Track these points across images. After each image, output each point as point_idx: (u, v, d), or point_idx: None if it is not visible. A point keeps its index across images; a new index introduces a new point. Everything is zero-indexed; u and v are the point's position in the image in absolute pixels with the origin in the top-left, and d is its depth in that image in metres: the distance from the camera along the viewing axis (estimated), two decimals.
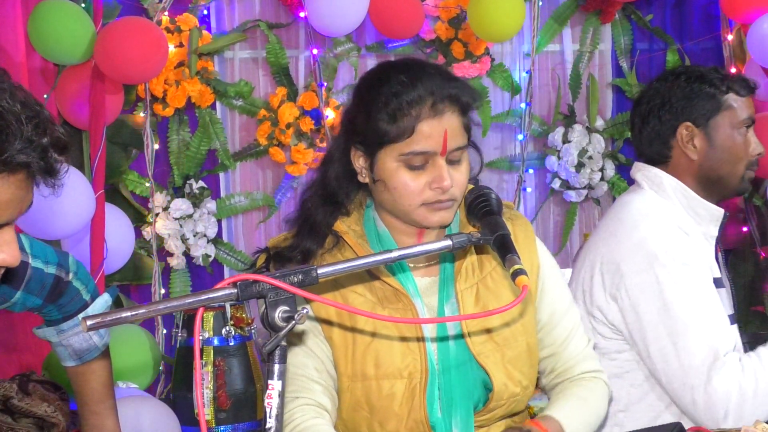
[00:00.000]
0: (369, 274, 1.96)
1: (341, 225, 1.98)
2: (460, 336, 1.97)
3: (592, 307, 2.39)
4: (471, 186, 1.94)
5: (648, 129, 2.49)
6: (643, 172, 2.48)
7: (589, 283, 2.41)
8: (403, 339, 1.94)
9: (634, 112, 2.54)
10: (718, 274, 2.41)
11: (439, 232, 2.02)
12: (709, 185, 2.44)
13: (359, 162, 1.95)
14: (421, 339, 1.95)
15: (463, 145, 1.92)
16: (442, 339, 1.96)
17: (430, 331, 1.97)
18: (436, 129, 1.86)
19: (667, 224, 2.35)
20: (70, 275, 1.98)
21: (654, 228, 2.34)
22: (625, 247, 2.35)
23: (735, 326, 2.45)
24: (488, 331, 1.98)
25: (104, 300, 2.06)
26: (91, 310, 2.02)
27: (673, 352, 2.26)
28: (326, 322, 1.96)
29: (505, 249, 1.69)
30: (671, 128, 2.45)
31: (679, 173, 2.44)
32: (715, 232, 2.44)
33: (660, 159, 2.47)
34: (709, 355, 2.22)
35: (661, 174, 2.44)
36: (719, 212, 2.43)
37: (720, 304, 2.34)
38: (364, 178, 1.96)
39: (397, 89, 1.87)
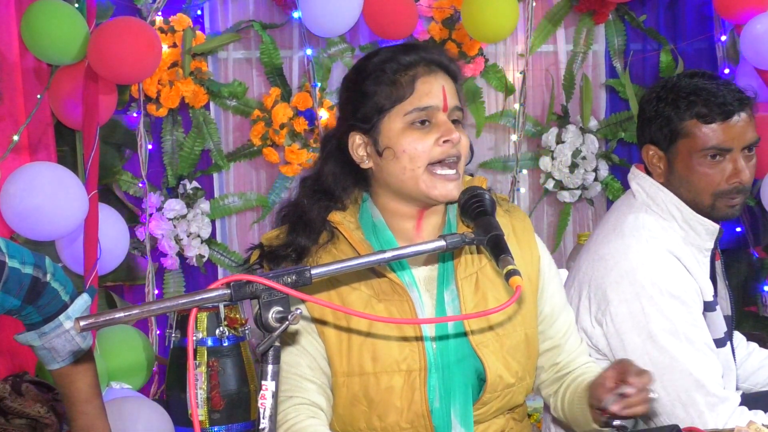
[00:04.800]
0: (365, 268, 1.96)
1: (336, 216, 1.98)
2: (462, 334, 1.97)
3: (578, 328, 2.33)
4: (466, 185, 1.94)
5: (637, 138, 2.48)
6: (638, 181, 2.42)
7: (576, 304, 2.38)
8: (401, 336, 1.94)
9: None
10: (710, 297, 2.35)
11: (435, 222, 2.02)
12: (688, 205, 2.36)
13: (359, 150, 1.96)
14: (419, 337, 1.95)
15: (461, 107, 1.97)
16: (441, 338, 1.97)
17: (428, 326, 1.97)
18: (434, 85, 1.93)
19: (658, 252, 2.29)
20: (48, 276, 1.98)
21: (644, 257, 2.29)
22: (613, 275, 2.31)
23: (727, 347, 2.41)
24: (491, 327, 1.99)
25: (84, 300, 2.05)
26: (71, 311, 2.02)
27: (659, 384, 2.22)
28: (320, 321, 1.96)
29: (498, 249, 1.69)
30: (641, 145, 2.42)
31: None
32: (710, 245, 2.38)
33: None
34: (693, 388, 2.20)
35: (656, 186, 2.38)
36: (714, 227, 2.36)
37: (707, 336, 2.29)
38: (367, 163, 1.97)
39: (390, 56, 1.96)
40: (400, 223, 2.00)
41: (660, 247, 2.30)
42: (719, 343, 2.36)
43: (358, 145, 1.96)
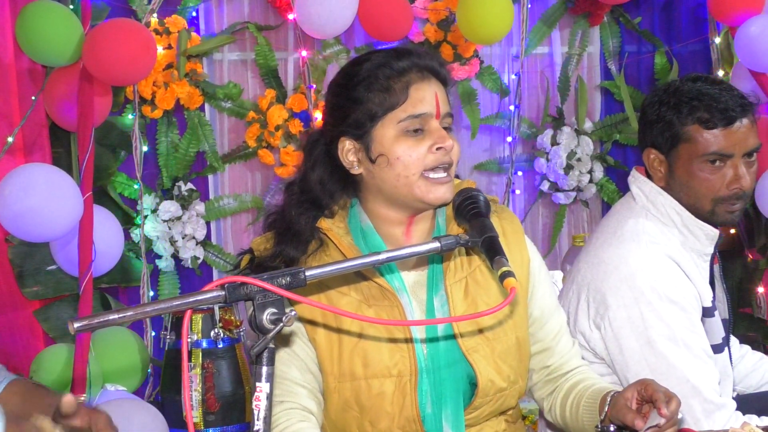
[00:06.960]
0: (355, 273, 1.95)
1: (325, 222, 1.97)
2: (451, 336, 1.97)
3: (575, 331, 2.36)
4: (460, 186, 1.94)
5: (638, 141, 2.46)
6: (639, 185, 2.42)
7: (575, 307, 2.38)
8: (391, 340, 1.94)
9: None
10: (709, 303, 2.35)
11: (424, 228, 2.02)
12: (688, 209, 2.35)
13: (349, 155, 1.96)
14: (409, 339, 1.95)
15: (452, 114, 1.97)
16: (431, 340, 1.97)
17: (419, 330, 1.97)
18: (427, 92, 1.92)
19: (658, 257, 2.29)
20: None
21: (643, 262, 2.28)
22: (612, 279, 2.30)
23: (725, 352, 2.41)
24: (480, 330, 1.98)
25: None
26: None
27: None
28: (311, 322, 1.96)
29: (493, 251, 1.70)
30: (642, 148, 2.41)
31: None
32: (710, 249, 2.38)
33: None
34: (690, 395, 2.20)
35: (656, 190, 2.37)
36: (714, 233, 2.35)
37: (705, 342, 2.29)
38: (357, 169, 1.96)
39: (383, 61, 1.93)
40: (389, 229, 1.99)
41: (660, 253, 2.30)
42: (717, 348, 2.36)
43: (348, 150, 1.96)
